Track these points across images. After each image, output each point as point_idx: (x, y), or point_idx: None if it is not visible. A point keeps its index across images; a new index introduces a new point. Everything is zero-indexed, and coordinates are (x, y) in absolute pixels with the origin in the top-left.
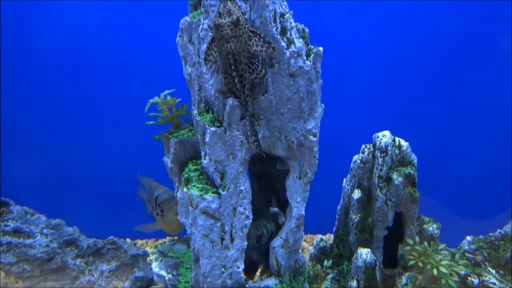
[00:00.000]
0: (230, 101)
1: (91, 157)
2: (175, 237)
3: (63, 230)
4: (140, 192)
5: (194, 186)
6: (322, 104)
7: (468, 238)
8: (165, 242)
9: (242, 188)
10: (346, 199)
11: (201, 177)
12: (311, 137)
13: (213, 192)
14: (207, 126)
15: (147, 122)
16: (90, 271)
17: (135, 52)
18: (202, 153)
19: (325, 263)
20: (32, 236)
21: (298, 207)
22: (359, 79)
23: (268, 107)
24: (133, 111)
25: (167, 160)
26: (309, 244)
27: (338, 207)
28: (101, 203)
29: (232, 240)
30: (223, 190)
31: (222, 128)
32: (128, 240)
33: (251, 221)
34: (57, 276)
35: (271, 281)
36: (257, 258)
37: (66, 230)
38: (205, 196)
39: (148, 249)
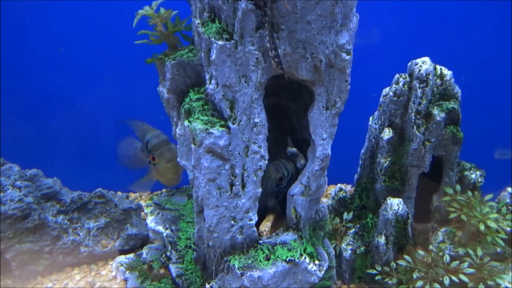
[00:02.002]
0: (243, 3)
1: (73, 98)
2: (174, 189)
3: (40, 182)
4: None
5: (198, 118)
6: (357, 14)
7: (509, 189)
8: (161, 193)
9: (256, 120)
10: (373, 140)
11: (205, 107)
12: (343, 54)
13: (221, 126)
14: (213, 39)
15: (136, 42)
16: (74, 230)
17: None
18: (207, 76)
19: (345, 216)
20: (2, 190)
21: (323, 145)
22: None
23: (291, 13)
24: (120, 38)
25: (163, 89)
26: (322, 196)
27: (362, 151)
28: (86, 151)
29: (243, 186)
30: (233, 123)
31: (233, 41)
32: (119, 193)
33: (266, 162)
34: (34, 237)
35: (289, 236)
36: (272, 205)
37: (45, 182)
38: (211, 131)
39: (142, 203)
